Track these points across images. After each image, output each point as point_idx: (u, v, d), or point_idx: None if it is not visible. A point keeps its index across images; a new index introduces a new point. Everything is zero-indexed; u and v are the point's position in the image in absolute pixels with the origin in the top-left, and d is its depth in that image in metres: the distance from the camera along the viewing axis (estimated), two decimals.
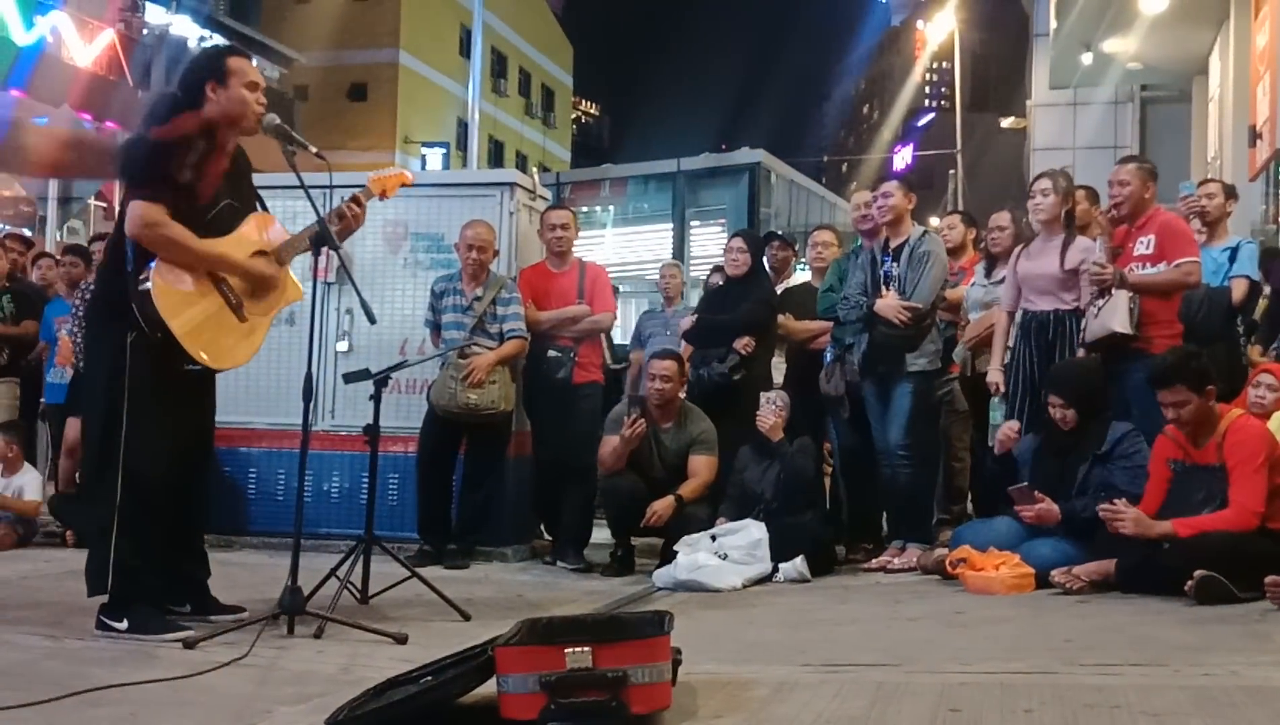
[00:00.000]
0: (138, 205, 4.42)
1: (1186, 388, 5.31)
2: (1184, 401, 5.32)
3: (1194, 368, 5.36)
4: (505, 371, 6.77)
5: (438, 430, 6.84)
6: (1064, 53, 17.46)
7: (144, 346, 4.41)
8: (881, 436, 6.56)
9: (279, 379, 7.14)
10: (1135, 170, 6.36)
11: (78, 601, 4.65)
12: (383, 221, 7.30)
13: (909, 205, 6.72)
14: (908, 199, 6.71)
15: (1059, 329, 6.31)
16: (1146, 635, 4.43)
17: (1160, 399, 5.40)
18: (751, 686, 3.69)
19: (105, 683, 3.64)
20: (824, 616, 5.24)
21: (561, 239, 7.21)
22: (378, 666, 3.94)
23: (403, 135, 36.22)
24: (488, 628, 4.22)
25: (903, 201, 6.66)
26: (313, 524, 6.75)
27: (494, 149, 40.44)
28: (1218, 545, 5.02)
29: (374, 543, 5.18)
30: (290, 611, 4.43)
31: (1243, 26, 14.11)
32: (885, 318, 6.45)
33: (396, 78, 36.69)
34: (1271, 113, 12.18)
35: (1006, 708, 3.38)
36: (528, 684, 3.20)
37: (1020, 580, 5.49)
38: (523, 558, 7.12)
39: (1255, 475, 5.15)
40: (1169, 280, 6.15)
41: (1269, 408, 5.87)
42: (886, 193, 6.70)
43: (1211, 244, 6.92)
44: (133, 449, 4.41)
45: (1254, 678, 3.68)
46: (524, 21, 43.64)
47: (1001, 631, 4.67)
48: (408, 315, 7.29)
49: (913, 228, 6.71)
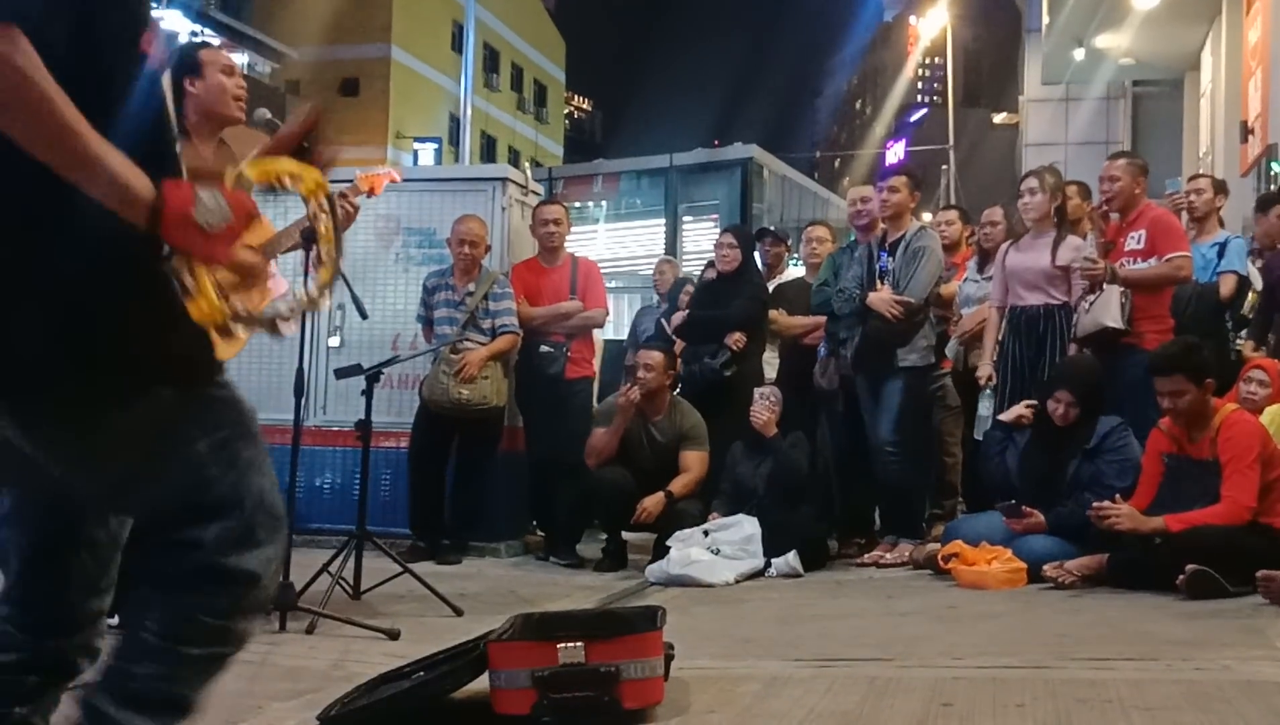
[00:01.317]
0: None
1: (1185, 378, 5.31)
2: (1181, 391, 5.32)
3: (1195, 360, 5.37)
4: (497, 367, 6.76)
5: (430, 426, 6.83)
6: (1056, 48, 17.49)
7: None
8: (873, 431, 6.57)
9: (271, 375, 7.11)
10: (1125, 166, 6.38)
11: None
12: (374, 217, 7.28)
13: (912, 202, 6.72)
14: (912, 196, 6.71)
15: (1049, 323, 6.33)
16: (1139, 630, 4.44)
17: (1157, 387, 5.40)
18: (744, 682, 3.69)
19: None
20: (816, 611, 5.24)
21: (554, 234, 7.20)
22: (370, 662, 3.94)
23: (395, 130, 36.17)
24: (480, 623, 4.21)
25: (907, 198, 6.65)
26: (305, 519, 6.75)
27: (486, 144, 40.41)
28: (1210, 540, 5.03)
29: (366, 538, 5.18)
30: (282, 607, 4.43)
31: (1234, 22, 14.14)
32: (878, 311, 6.45)
33: (389, 73, 36.64)
34: (1263, 108, 12.21)
35: (999, 702, 3.38)
36: (520, 679, 3.20)
37: (1013, 575, 5.50)
38: (515, 553, 7.12)
39: (1248, 470, 5.16)
40: (1160, 275, 6.17)
41: (1260, 403, 5.88)
42: (893, 187, 6.65)
43: (1200, 239, 6.95)
44: None
45: (1246, 672, 3.68)
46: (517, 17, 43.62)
47: (994, 626, 4.67)
48: (400, 310, 7.28)
49: (911, 223, 6.70)
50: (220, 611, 1.92)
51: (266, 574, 1.96)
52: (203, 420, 1.93)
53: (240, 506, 1.92)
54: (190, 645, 1.91)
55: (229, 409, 1.98)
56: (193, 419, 1.92)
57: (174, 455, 1.91)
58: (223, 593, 1.91)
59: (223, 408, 1.97)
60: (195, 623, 1.91)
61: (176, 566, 1.90)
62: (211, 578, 1.90)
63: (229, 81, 4.64)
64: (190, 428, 1.92)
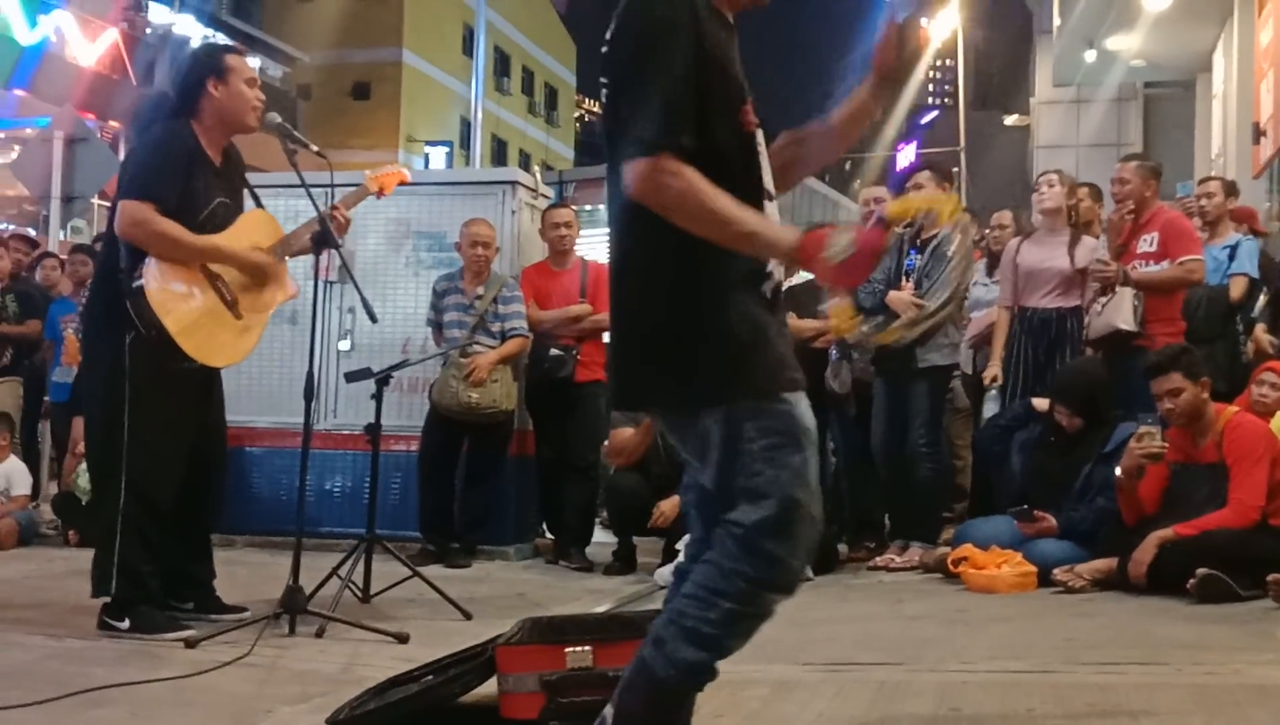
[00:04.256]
0: (125, 204, 4.44)
1: (1182, 376, 5.32)
2: (1178, 389, 5.32)
3: (1189, 359, 5.41)
4: (507, 370, 6.77)
5: (439, 429, 6.83)
6: (1067, 50, 17.43)
7: (142, 346, 4.41)
8: (888, 434, 6.48)
9: (281, 378, 7.14)
10: (1136, 169, 6.37)
11: (80, 601, 4.66)
12: (385, 220, 7.30)
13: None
14: (942, 189, 6.52)
15: (1061, 327, 6.30)
16: (1149, 633, 4.43)
17: (1155, 390, 5.41)
18: (751, 685, 3.68)
19: (107, 682, 3.64)
20: (825, 615, 5.22)
21: (564, 237, 7.19)
22: (379, 665, 3.94)
23: (406, 134, 36.22)
24: (489, 627, 4.21)
25: (935, 191, 6.45)
26: (315, 523, 6.75)
27: (497, 148, 40.42)
28: (1220, 543, 5.02)
29: (375, 542, 5.18)
30: (292, 610, 4.43)
31: (1246, 23, 14.08)
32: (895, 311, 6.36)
33: (400, 76, 36.69)
34: (1275, 110, 12.16)
35: (1008, 707, 3.38)
36: (528, 683, 3.20)
37: (1022, 579, 5.49)
38: (525, 557, 7.12)
39: (1254, 470, 5.16)
40: (1172, 277, 6.16)
41: (1272, 406, 5.87)
42: (918, 183, 6.51)
43: (1212, 242, 6.93)
44: (135, 452, 4.42)
45: (1256, 676, 3.68)
46: (527, 20, 43.64)
47: (1003, 630, 4.66)
48: (410, 314, 7.28)
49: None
50: (750, 579, 2.39)
51: (791, 559, 2.42)
52: (762, 427, 2.39)
53: (777, 499, 2.37)
54: (725, 599, 2.41)
55: (782, 420, 2.41)
56: (756, 426, 2.39)
57: (737, 453, 2.40)
58: (752, 565, 2.39)
59: (777, 418, 2.40)
60: (731, 581, 2.40)
61: (723, 539, 2.42)
62: (748, 551, 2.39)
63: (250, 92, 4.68)
64: (751, 431, 2.38)
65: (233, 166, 4.81)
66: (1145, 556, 5.15)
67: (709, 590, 2.43)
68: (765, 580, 2.42)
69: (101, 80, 21.50)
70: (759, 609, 2.44)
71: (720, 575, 2.42)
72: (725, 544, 2.43)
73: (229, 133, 4.74)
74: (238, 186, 4.83)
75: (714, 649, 2.46)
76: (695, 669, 2.48)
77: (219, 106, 4.64)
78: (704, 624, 2.43)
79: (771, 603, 2.45)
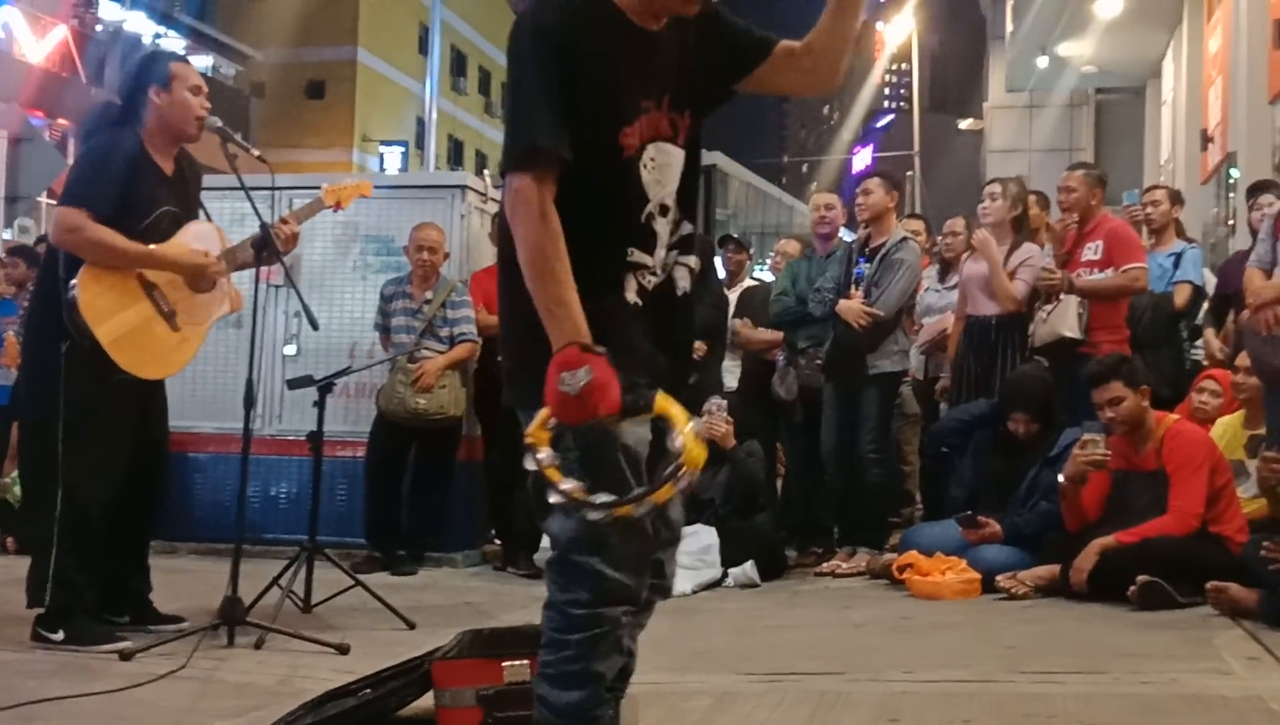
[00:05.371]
0: (59, 211, 4.42)
1: (1122, 384, 5.37)
2: (1119, 397, 5.37)
3: (1128, 368, 5.48)
4: (455, 376, 6.72)
5: (387, 435, 6.77)
6: (1020, 56, 17.59)
7: (78, 355, 4.34)
8: (838, 440, 6.48)
9: (225, 383, 7.05)
10: (1082, 177, 6.42)
11: (14, 611, 4.57)
12: (332, 223, 7.21)
13: (891, 202, 6.54)
14: (890, 196, 6.53)
15: (1001, 333, 6.34)
16: (1089, 642, 4.46)
17: (1096, 399, 5.45)
18: (693, 697, 3.68)
19: (38, 696, 3.57)
20: (771, 622, 5.23)
21: None
22: (318, 677, 3.89)
23: (361, 133, 35.97)
24: (432, 636, 4.18)
25: (884, 198, 6.49)
26: (260, 530, 6.69)
27: (453, 148, 40.23)
28: (1160, 551, 5.06)
29: (317, 550, 5.13)
30: (230, 621, 4.38)
31: (1195, 31, 14.25)
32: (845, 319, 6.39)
33: (355, 75, 36.41)
34: (1223, 116, 12.31)
35: (946, 717, 3.39)
36: (465, 698, 3.17)
37: (967, 585, 5.52)
38: (473, 563, 7.07)
39: (1194, 478, 5.20)
40: (1116, 285, 6.21)
41: (1212, 413, 5.93)
42: (866, 190, 6.52)
43: (1157, 249, 7.00)
44: (71, 461, 4.35)
45: (1193, 685, 3.71)
46: (485, 20, 43.42)
47: (946, 638, 4.68)
48: (357, 318, 7.20)
49: (895, 230, 6.53)
50: (580, 603, 2.37)
51: (612, 571, 2.34)
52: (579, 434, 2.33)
53: None
54: (569, 633, 2.39)
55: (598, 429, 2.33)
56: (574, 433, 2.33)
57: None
58: (574, 586, 2.37)
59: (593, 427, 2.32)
60: (565, 616, 2.39)
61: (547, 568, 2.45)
62: (564, 571, 2.38)
63: (194, 100, 4.63)
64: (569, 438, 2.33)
65: (185, 177, 4.73)
66: (1087, 564, 5.19)
67: (554, 632, 2.41)
68: (591, 599, 2.36)
69: (51, 78, 21.22)
70: (604, 626, 2.39)
71: (557, 615, 2.40)
72: (549, 573, 2.43)
73: (173, 141, 4.67)
74: (190, 197, 4.75)
75: (588, 681, 2.41)
76: (582, 708, 2.42)
77: (162, 114, 4.58)
78: (566, 664, 2.40)
79: (614, 615, 2.39)
